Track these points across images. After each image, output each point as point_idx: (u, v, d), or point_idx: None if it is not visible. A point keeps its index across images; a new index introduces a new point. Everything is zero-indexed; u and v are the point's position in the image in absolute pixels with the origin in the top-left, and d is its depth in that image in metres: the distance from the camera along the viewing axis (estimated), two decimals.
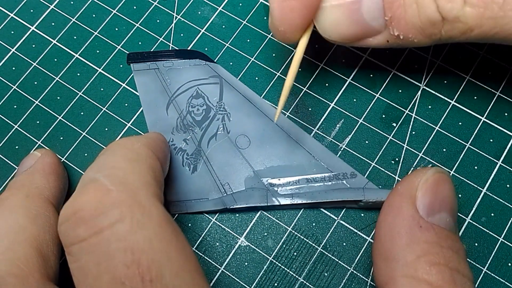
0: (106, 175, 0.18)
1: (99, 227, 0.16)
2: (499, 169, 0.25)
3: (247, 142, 0.26)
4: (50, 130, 0.27)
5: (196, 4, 0.30)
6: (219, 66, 0.28)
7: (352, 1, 0.20)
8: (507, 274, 0.24)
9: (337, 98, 0.27)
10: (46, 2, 0.30)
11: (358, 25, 0.21)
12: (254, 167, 0.26)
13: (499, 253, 0.24)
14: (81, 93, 0.28)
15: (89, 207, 0.17)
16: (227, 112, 0.27)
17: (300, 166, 0.26)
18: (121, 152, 0.20)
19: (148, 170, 0.19)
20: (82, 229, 0.17)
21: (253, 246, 0.25)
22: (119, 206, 0.17)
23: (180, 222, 0.25)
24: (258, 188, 0.25)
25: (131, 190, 0.18)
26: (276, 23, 0.21)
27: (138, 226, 0.17)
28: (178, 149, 0.26)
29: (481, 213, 0.25)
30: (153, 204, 0.18)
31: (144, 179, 0.19)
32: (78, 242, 0.17)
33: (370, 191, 0.24)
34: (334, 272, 0.24)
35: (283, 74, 0.28)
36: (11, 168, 0.27)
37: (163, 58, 0.28)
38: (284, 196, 0.25)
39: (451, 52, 0.27)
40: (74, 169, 0.27)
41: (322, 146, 0.26)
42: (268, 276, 0.24)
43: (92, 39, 0.29)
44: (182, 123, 0.27)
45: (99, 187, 0.17)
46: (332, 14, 0.21)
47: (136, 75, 0.28)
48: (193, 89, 0.27)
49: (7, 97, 0.28)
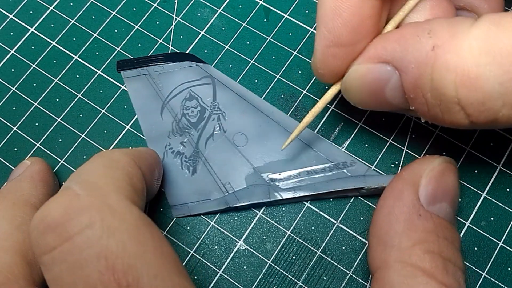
0: (78, 181, 0.18)
1: (69, 233, 0.16)
2: (499, 173, 0.25)
3: (244, 139, 0.26)
4: (49, 132, 0.27)
5: (195, 6, 0.30)
6: (210, 66, 0.28)
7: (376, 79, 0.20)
8: (506, 278, 0.24)
9: (336, 100, 0.27)
10: (46, 4, 0.30)
11: (380, 101, 0.21)
12: (253, 163, 0.26)
13: (499, 258, 0.24)
14: (80, 95, 0.28)
15: (56, 213, 0.16)
16: (222, 111, 0.27)
17: (299, 159, 0.26)
18: (98, 160, 0.20)
19: (124, 176, 0.19)
20: (51, 237, 0.16)
21: (252, 250, 0.25)
22: (88, 211, 0.16)
23: (179, 225, 0.25)
24: (259, 185, 0.25)
25: (101, 194, 0.17)
26: (317, 64, 0.21)
27: (110, 231, 0.16)
28: (176, 153, 0.26)
29: (481, 217, 0.25)
30: (125, 207, 0.17)
31: (117, 183, 0.18)
32: (48, 251, 0.16)
33: (372, 177, 0.24)
34: (333, 276, 0.24)
35: (282, 77, 0.28)
36: (9, 170, 0.27)
37: (153, 63, 0.28)
38: (287, 190, 0.25)
39: None
40: (73, 171, 0.27)
41: (319, 136, 0.26)
42: (267, 279, 0.24)
43: (92, 41, 0.29)
44: (177, 126, 0.27)
45: (67, 193, 0.17)
46: (356, 82, 0.21)
47: (127, 82, 0.28)
48: (186, 92, 0.27)
49: (6, 98, 0.28)
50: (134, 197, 0.19)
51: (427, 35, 0.18)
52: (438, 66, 0.17)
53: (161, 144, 0.26)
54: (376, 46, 0.20)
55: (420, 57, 0.18)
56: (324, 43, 0.20)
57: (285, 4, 0.29)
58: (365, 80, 0.20)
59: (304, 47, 0.28)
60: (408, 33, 0.19)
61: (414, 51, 0.18)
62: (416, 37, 0.18)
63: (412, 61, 0.18)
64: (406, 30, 0.19)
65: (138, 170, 0.20)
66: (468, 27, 0.17)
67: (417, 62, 0.18)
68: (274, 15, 0.29)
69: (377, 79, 0.20)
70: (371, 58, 0.20)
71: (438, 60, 0.17)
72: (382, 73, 0.19)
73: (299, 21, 0.29)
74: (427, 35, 0.18)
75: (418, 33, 0.18)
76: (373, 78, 0.20)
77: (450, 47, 0.17)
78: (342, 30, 0.20)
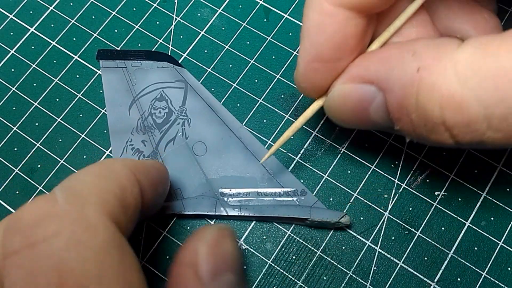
0: (64, 187, 0.17)
1: (34, 239, 0.15)
2: (499, 173, 0.25)
3: (203, 149, 0.26)
4: (49, 132, 0.27)
5: (195, 6, 0.30)
6: (186, 70, 0.28)
7: (360, 99, 0.19)
8: (506, 278, 0.24)
9: None
10: (46, 3, 0.30)
11: (364, 121, 0.20)
12: (207, 175, 0.26)
13: (499, 257, 0.24)
14: (80, 95, 0.28)
15: (28, 216, 0.15)
16: (188, 117, 0.27)
17: (252, 178, 0.26)
18: (95, 167, 0.19)
19: (114, 189, 0.18)
20: (17, 239, 0.15)
21: (252, 250, 0.25)
22: (60, 219, 0.15)
23: (179, 225, 0.25)
24: (208, 196, 0.25)
25: (81, 204, 0.16)
26: (299, 78, 0.21)
27: (75, 243, 0.15)
28: (135, 150, 0.26)
29: (481, 217, 0.25)
30: (101, 222, 0.16)
31: (104, 195, 0.17)
32: (10, 254, 0.15)
33: (318, 210, 0.24)
34: (333, 276, 0.24)
35: (282, 77, 0.28)
36: (9, 169, 0.27)
37: (132, 58, 0.28)
38: (233, 207, 0.25)
39: None
40: (73, 171, 0.27)
41: (278, 161, 0.26)
42: (267, 279, 0.24)
43: (92, 41, 0.29)
44: (142, 124, 0.27)
45: (48, 197, 0.16)
46: (339, 102, 0.20)
47: (103, 72, 0.28)
48: (157, 91, 0.27)
49: (6, 98, 0.28)
50: (119, 213, 0.17)
51: (412, 56, 0.17)
52: (423, 88, 0.17)
53: (123, 139, 0.27)
54: (359, 66, 0.19)
55: (405, 78, 0.17)
56: (306, 57, 0.20)
57: (285, 4, 0.29)
58: (349, 100, 0.20)
59: None
60: (392, 54, 0.18)
61: (399, 72, 0.18)
62: (401, 58, 0.18)
63: (396, 82, 0.18)
64: (391, 51, 0.19)
65: (135, 184, 0.19)
66: (453, 50, 0.17)
67: (402, 83, 0.18)
68: (274, 15, 0.29)
69: (361, 99, 0.19)
70: (354, 78, 0.19)
71: (423, 82, 0.17)
72: (365, 93, 0.19)
73: (299, 21, 0.29)
74: (412, 56, 0.17)
75: (403, 54, 0.18)
76: (357, 98, 0.19)
77: (435, 69, 0.17)
78: (325, 46, 0.19)
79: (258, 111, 0.27)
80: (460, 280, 0.24)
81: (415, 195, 0.25)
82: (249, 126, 0.27)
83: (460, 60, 0.16)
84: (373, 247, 0.24)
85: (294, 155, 0.26)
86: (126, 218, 0.18)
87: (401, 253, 0.24)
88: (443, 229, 0.24)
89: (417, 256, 0.24)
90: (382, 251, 0.24)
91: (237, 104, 0.27)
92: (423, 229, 0.25)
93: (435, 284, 0.24)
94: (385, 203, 0.25)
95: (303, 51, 0.20)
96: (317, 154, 0.26)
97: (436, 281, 0.24)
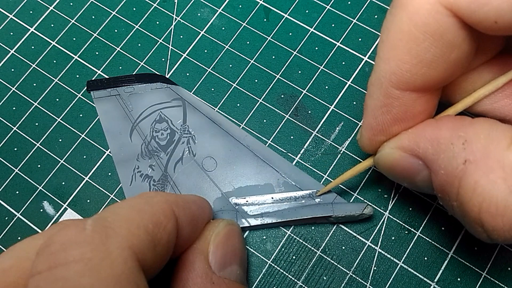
0: (97, 216, 0.17)
1: (56, 262, 0.15)
2: None
3: (213, 164, 0.26)
4: (49, 132, 0.27)
5: (195, 6, 0.30)
6: (181, 88, 0.28)
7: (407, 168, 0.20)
8: (506, 278, 0.24)
9: (336, 100, 0.27)
10: (46, 3, 0.30)
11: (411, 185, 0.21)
12: (222, 189, 0.26)
13: (499, 258, 0.24)
14: (80, 95, 0.28)
15: (57, 241, 0.16)
16: (192, 134, 0.27)
17: (268, 185, 0.25)
18: (133, 200, 0.19)
19: (147, 223, 0.18)
20: (43, 260, 0.16)
21: (252, 250, 0.25)
22: (84, 246, 0.16)
23: None
24: (227, 210, 0.25)
25: (106, 234, 0.16)
26: (365, 147, 0.22)
27: (90, 270, 0.15)
28: (144, 176, 0.26)
29: None
30: (121, 255, 0.16)
31: (133, 229, 0.17)
32: (34, 274, 0.16)
33: (339, 205, 0.24)
34: (333, 276, 0.24)
35: (282, 77, 0.28)
36: (9, 169, 0.27)
37: (123, 83, 0.28)
38: (254, 217, 0.25)
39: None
40: (73, 171, 0.27)
41: (289, 163, 0.26)
42: (267, 279, 0.24)
43: (92, 41, 0.29)
44: (146, 149, 0.26)
45: (79, 223, 0.17)
46: (388, 164, 0.21)
47: (97, 103, 0.27)
48: (156, 114, 0.27)
49: (6, 98, 0.28)
50: (147, 248, 0.17)
51: (462, 145, 0.17)
52: (466, 184, 0.17)
53: (130, 166, 0.26)
54: (411, 139, 0.19)
55: (450, 167, 0.17)
56: (371, 131, 0.21)
57: (285, 4, 0.29)
58: (397, 165, 0.20)
59: (304, 47, 0.28)
60: (443, 137, 0.18)
61: (446, 159, 0.18)
62: (450, 144, 0.17)
63: (442, 168, 0.18)
64: (442, 133, 0.18)
65: (172, 221, 0.19)
66: (504, 149, 0.16)
67: (447, 171, 0.17)
68: (274, 15, 0.29)
69: (408, 169, 0.20)
70: (405, 148, 0.20)
71: (467, 177, 0.17)
72: (413, 164, 0.19)
73: (299, 21, 0.29)
74: (462, 145, 0.17)
75: (453, 140, 0.17)
76: (405, 167, 0.20)
77: (482, 167, 0.16)
78: (390, 123, 0.20)
79: (258, 111, 0.27)
80: (460, 280, 0.24)
81: (415, 195, 0.25)
82: (249, 126, 0.27)
83: (509, 163, 0.16)
84: (373, 247, 0.24)
85: (294, 155, 0.26)
86: (154, 253, 0.18)
87: (401, 253, 0.24)
88: (443, 229, 0.24)
89: (417, 256, 0.24)
90: (382, 251, 0.24)
91: (237, 104, 0.27)
92: (423, 229, 0.25)
93: (435, 284, 0.24)
94: (385, 203, 0.25)
95: (368, 125, 0.21)
96: (317, 154, 0.26)
97: (436, 281, 0.24)
